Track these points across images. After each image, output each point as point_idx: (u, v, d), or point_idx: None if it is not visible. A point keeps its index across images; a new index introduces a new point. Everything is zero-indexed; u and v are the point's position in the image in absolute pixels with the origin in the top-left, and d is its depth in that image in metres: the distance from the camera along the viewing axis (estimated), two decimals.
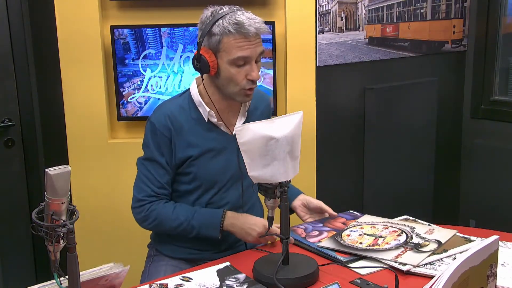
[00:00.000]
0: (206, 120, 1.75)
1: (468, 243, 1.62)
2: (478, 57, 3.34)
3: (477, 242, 1.57)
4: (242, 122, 1.79)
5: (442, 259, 1.53)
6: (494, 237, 1.17)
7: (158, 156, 1.73)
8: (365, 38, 2.97)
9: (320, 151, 2.66)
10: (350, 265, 1.54)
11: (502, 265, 1.50)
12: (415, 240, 1.63)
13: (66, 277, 1.18)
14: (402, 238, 1.64)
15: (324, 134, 2.76)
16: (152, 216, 1.73)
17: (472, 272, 1.10)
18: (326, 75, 2.79)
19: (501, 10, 3.23)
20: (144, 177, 1.75)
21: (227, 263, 1.58)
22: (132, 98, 2.50)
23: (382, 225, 1.74)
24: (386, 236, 1.66)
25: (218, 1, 1.78)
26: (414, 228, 1.71)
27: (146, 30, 2.43)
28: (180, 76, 2.49)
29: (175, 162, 1.74)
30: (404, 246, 1.59)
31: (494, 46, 3.27)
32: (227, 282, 1.47)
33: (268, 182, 1.44)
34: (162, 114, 1.74)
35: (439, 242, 1.60)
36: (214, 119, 1.75)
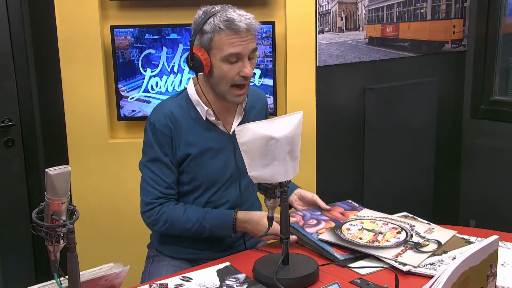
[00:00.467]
0: (204, 119, 1.75)
1: (468, 245, 1.62)
2: (478, 57, 3.34)
3: (476, 243, 1.57)
4: (240, 121, 1.80)
5: (442, 260, 1.53)
6: (494, 237, 1.17)
7: (162, 155, 1.73)
8: (365, 38, 2.97)
9: (320, 151, 2.66)
10: (350, 265, 1.54)
11: (502, 265, 1.50)
12: (415, 239, 1.63)
13: (66, 277, 1.18)
14: (402, 236, 1.64)
15: (324, 134, 2.76)
16: (162, 219, 1.72)
17: (472, 272, 1.10)
18: (326, 75, 2.79)
19: (501, 10, 3.23)
20: (150, 179, 1.74)
21: (227, 263, 1.58)
22: (132, 98, 2.50)
23: (381, 220, 1.75)
24: (386, 232, 1.66)
25: (217, 1, 1.78)
26: (413, 226, 1.71)
27: (146, 30, 2.43)
28: (180, 76, 2.49)
29: (177, 160, 1.74)
30: (404, 245, 1.59)
31: (494, 46, 3.27)
32: (227, 282, 1.47)
33: (268, 182, 1.44)
34: (162, 114, 1.74)
35: (439, 243, 1.60)
36: (212, 118, 1.75)
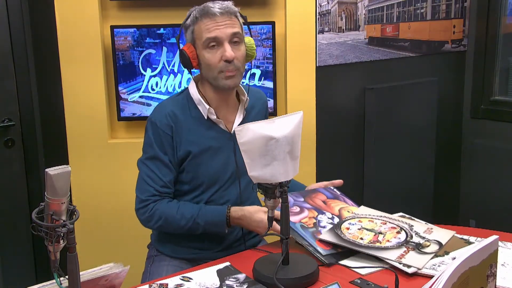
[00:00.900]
0: (206, 118, 1.76)
1: (468, 245, 1.62)
2: (478, 57, 3.34)
3: (476, 244, 1.57)
4: (241, 120, 1.81)
5: (443, 262, 1.53)
6: (494, 237, 1.17)
7: (162, 154, 1.73)
8: (365, 38, 2.97)
9: (320, 151, 2.66)
10: (350, 265, 1.54)
11: (502, 265, 1.50)
12: (415, 239, 1.62)
13: (66, 277, 1.18)
14: (402, 236, 1.63)
15: (324, 134, 2.76)
16: (156, 215, 1.73)
17: (472, 272, 1.10)
18: (326, 75, 2.79)
19: (501, 10, 3.23)
20: (146, 177, 1.75)
21: (227, 263, 1.58)
22: (132, 98, 2.50)
23: (379, 219, 1.74)
24: (386, 232, 1.66)
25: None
26: (412, 226, 1.71)
27: (146, 30, 2.43)
28: (180, 76, 2.49)
29: (177, 159, 1.75)
30: (405, 246, 1.58)
31: (494, 46, 3.27)
32: (227, 282, 1.47)
33: (268, 182, 1.44)
34: (163, 113, 1.74)
35: (440, 243, 1.60)
36: (213, 117, 1.76)
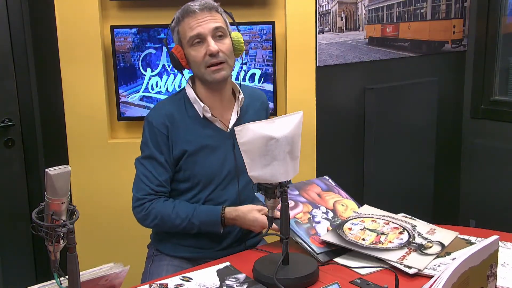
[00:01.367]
0: (202, 116, 1.77)
1: (470, 246, 1.61)
2: (478, 57, 3.34)
3: (477, 244, 1.57)
4: (236, 118, 1.81)
5: (443, 263, 1.52)
6: (494, 237, 1.17)
7: (157, 154, 1.75)
8: (365, 38, 2.97)
9: (320, 151, 2.65)
10: (350, 265, 1.54)
11: (502, 265, 1.50)
12: (418, 240, 1.61)
13: (66, 277, 1.18)
14: (404, 237, 1.63)
15: (324, 134, 2.75)
16: (152, 214, 1.74)
17: (472, 272, 1.09)
18: (326, 75, 2.79)
19: (501, 10, 3.23)
20: (143, 176, 1.76)
21: (227, 263, 1.58)
22: (132, 98, 2.50)
23: (382, 219, 1.73)
24: (388, 233, 1.65)
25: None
26: (415, 226, 1.70)
27: (146, 30, 2.43)
28: (180, 76, 2.49)
29: (173, 158, 1.75)
30: (407, 247, 1.57)
31: (494, 46, 3.27)
32: (227, 282, 1.47)
33: (268, 182, 1.43)
34: (159, 113, 1.77)
35: (442, 245, 1.59)
36: (209, 114, 1.77)
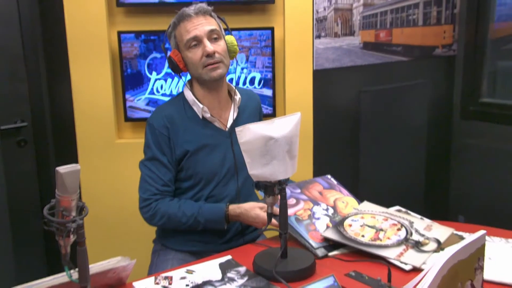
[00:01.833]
0: (201, 117, 1.77)
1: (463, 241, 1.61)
2: (467, 61, 3.34)
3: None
4: (235, 117, 1.82)
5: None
6: (481, 232, 1.18)
7: (160, 155, 1.75)
8: (360, 43, 2.97)
9: (317, 151, 2.66)
10: (345, 258, 1.55)
11: (490, 259, 1.50)
12: (415, 237, 1.60)
13: (76, 269, 1.19)
14: (402, 234, 1.62)
15: (321, 134, 2.76)
16: (159, 213, 1.75)
17: (460, 265, 1.10)
18: (323, 78, 2.79)
19: (489, 17, 3.23)
20: (147, 177, 1.77)
21: (229, 257, 1.59)
22: (138, 100, 2.50)
23: (381, 215, 1.73)
24: (387, 229, 1.64)
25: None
26: (412, 222, 1.69)
27: (151, 35, 2.43)
28: (184, 78, 2.49)
29: (175, 158, 1.76)
30: (405, 243, 1.57)
31: (483, 51, 3.27)
32: (229, 275, 1.48)
33: (267, 180, 1.44)
34: (160, 116, 1.77)
35: (438, 242, 1.58)
36: (208, 115, 1.78)
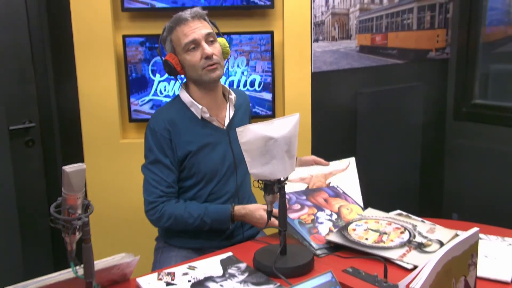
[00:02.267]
0: (200, 117, 1.77)
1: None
2: (460, 64, 3.34)
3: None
4: (232, 115, 1.82)
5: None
6: (475, 229, 1.17)
7: (163, 157, 1.74)
8: (356, 46, 2.97)
9: (315, 150, 2.65)
10: (343, 254, 1.54)
11: (486, 257, 1.49)
12: (418, 239, 1.58)
13: (82, 265, 1.18)
14: (405, 236, 1.59)
15: (318, 134, 2.75)
16: (166, 215, 1.73)
17: (454, 261, 1.09)
18: (321, 81, 2.79)
19: (481, 21, 3.23)
20: (151, 180, 1.75)
21: (230, 253, 1.58)
22: (142, 101, 2.50)
23: (385, 220, 1.70)
24: (390, 233, 1.62)
25: (216, 14, 1.78)
26: (416, 226, 1.66)
27: (155, 39, 2.42)
28: (179, 81, 2.48)
29: (177, 160, 1.75)
30: (408, 245, 1.54)
31: (475, 54, 3.27)
32: (230, 271, 1.47)
33: (267, 179, 1.44)
34: (160, 119, 1.76)
35: (441, 243, 1.56)
36: (207, 115, 1.77)
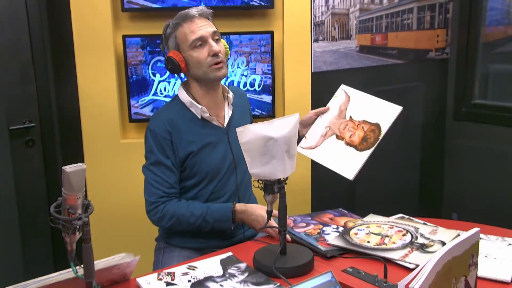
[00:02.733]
0: (199, 117, 1.76)
1: None
2: (459, 64, 3.33)
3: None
4: (230, 114, 1.82)
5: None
6: (475, 229, 1.17)
7: (164, 158, 1.73)
8: (356, 47, 2.96)
9: None
10: (343, 255, 1.54)
11: (486, 256, 1.49)
12: (420, 240, 1.58)
13: (82, 265, 1.18)
14: (407, 238, 1.59)
15: None
16: (167, 215, 1.72)
17: (455, 261, 1.09)
18: (320, 81, 2.78)
19: (481, 21, 3.23)
20: (153, 181, 1.74)
21: (230, 253, 1.58)
22: (142, 101, 2.49)
23: (387, 224, 1.70)
24: (392, 235, 1.61)
25: (216, 14, 1.78)
26: (418, 228, 1.65)
27: (155, 39, 2.42)
28: (179, 81, 2.48)
29: (179, 160, 1.74)
30: (410, 246, 1.54)
31: (474, 54, 3.26)
32: (230, 271, 1.47)
33: (267, 178, 1.43)
34: (160, 121, 1.75)
35: (443, 243, 1.56)
36: (206, 115, 1.76)
